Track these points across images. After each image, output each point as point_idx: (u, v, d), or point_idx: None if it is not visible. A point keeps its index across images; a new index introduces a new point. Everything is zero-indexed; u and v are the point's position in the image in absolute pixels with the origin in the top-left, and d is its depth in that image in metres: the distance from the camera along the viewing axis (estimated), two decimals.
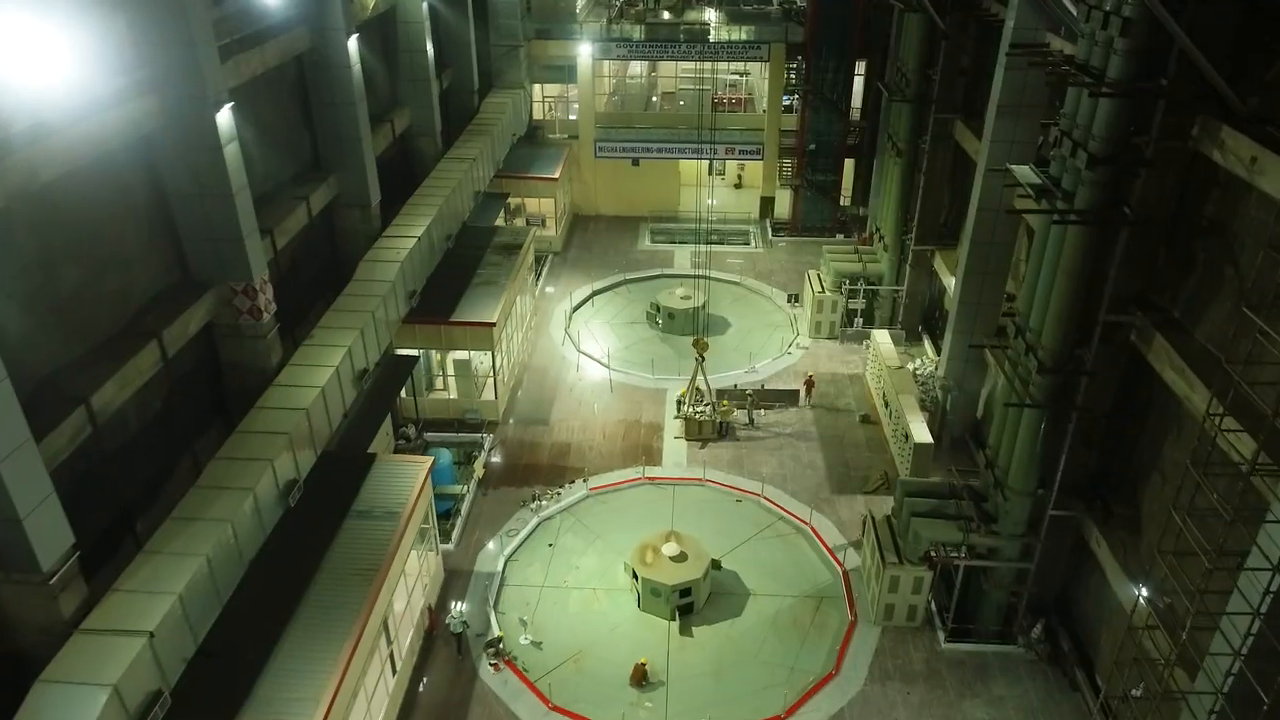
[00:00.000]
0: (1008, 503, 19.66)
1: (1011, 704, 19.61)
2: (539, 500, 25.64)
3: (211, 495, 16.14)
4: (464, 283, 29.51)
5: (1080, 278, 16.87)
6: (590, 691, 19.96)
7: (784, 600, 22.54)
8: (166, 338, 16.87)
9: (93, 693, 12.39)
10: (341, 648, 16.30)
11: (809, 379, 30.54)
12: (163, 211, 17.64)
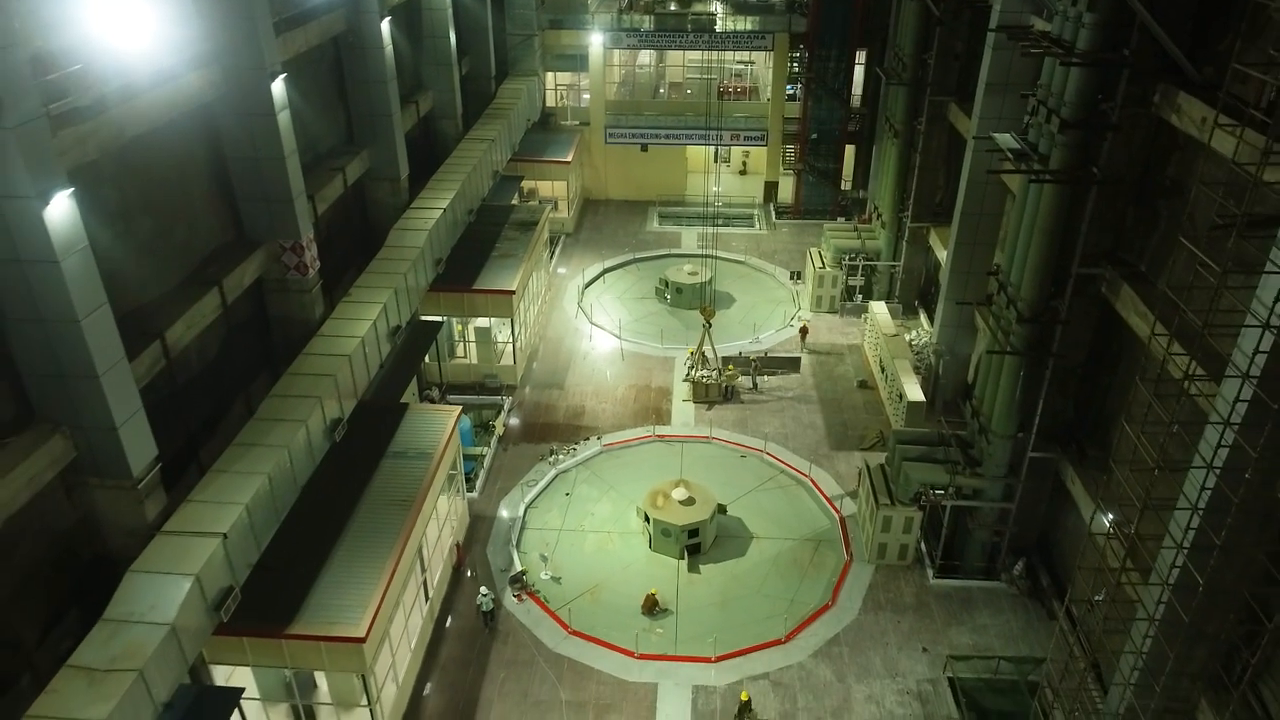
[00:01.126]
0: (991, 446, 21.39)
1: (993, 630, 21.33)
2: (556, 455, 27.40)
3: (268, 426, 17.91)
4: (484, 255, 31.28)
5: (1054, 234, 18.59)
6: (605, 619, 21.72)
7: (785, 543, 24.28)
8: (226, 285, 18.64)
9: (178, 581, 14.17)
10: (384, 565, 18.09)
11: (804, 326, 32.52)
12: (221, 174, 19.41)
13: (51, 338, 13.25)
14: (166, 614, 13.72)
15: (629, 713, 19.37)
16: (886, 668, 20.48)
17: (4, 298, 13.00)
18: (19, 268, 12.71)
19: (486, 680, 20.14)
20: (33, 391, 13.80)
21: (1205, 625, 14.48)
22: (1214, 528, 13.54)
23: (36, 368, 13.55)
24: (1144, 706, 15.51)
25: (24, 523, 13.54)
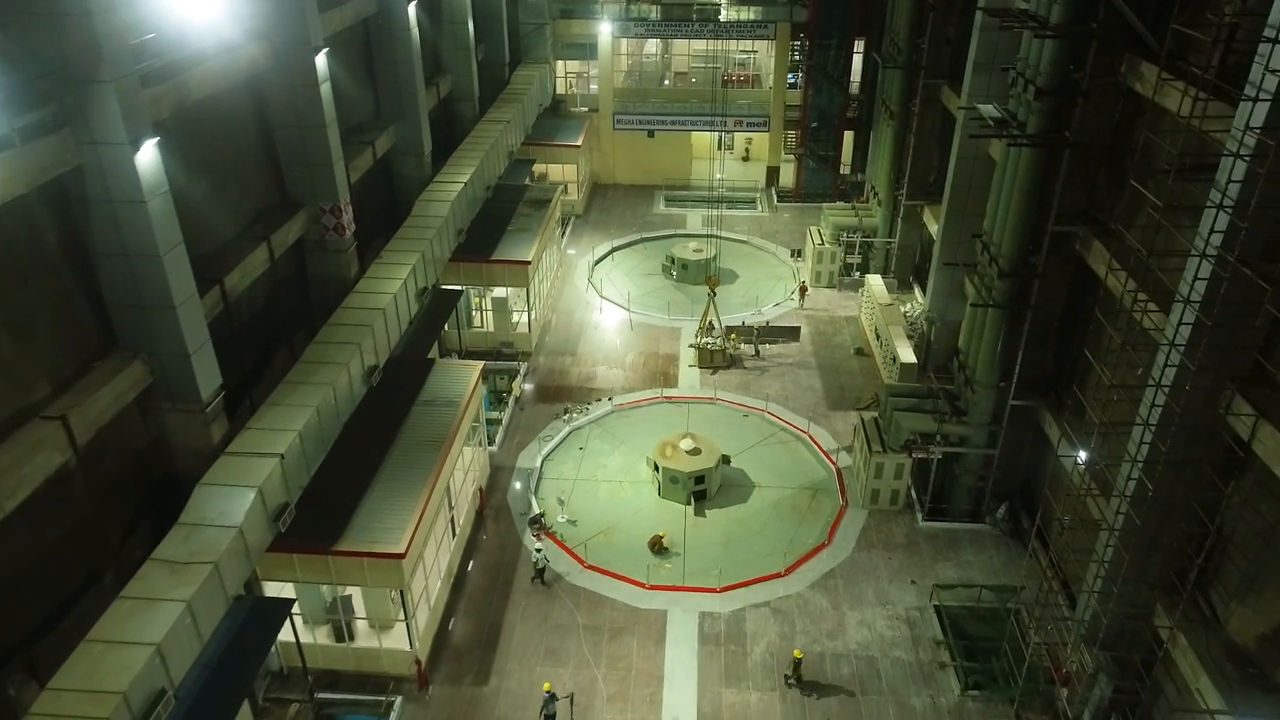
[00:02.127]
0: (975, 395, 23.12)
1: (977, 566, 23.06)
2: (570, 413, 29.15)
3: (314, 368, 19.66)
4: (500, 230, 33.03)
5: (1031, 194, 20.31)
6: (618, 556, 23.47)
7: (784, 491, 26.02)
8: (274, 241, 20.42)
9: (243, 492, 15.93)
10: (418, 495, 19.85)
11: (803, 285, 34.32)
12: (267, 140, 21.18)
13: (135, 271, 15.01)
14: (235, 519, 15.48)
15: (641, 634, 21.12)
16: (878, 597, 22.21)
17: (95, 235, 14.75)
18: (110, 207, 14.47)
19: (510, 607, 21.90)
20: (116, 321, 15.56)
21: (1158, 534, 16.21)
22: (1163, 442, 15.27)
23: (121, 299, 15.31)
24: (1106, 611, 17.25)
25: (108, 438, 15.29)
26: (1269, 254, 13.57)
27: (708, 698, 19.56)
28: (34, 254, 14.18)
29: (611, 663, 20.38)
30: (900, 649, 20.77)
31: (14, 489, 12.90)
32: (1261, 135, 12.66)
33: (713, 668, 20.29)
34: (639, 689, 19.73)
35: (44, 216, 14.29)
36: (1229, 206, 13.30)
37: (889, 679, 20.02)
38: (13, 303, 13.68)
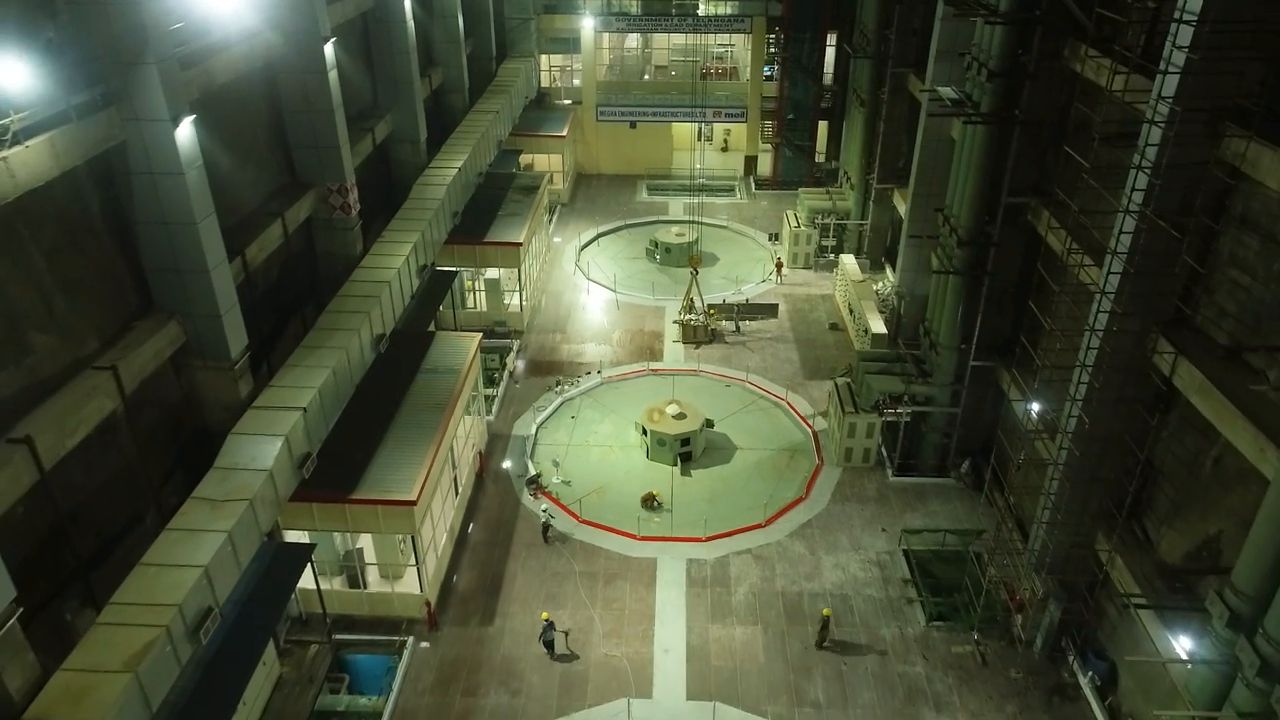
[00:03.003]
0: (939, 357, 25.00)
1: (943, 515, 24.94)
2: (561, 385, 30.81)
3: (328, 334, 21.20)
4: (492, 214, 34.61)
5: (986, 168, 22.18)
6: (611, 511, 25.15)
7: (764, 452, 27.80)
8: (287, 218, 21.92)
9: (271, 440, 17.49)
10: (426, 450, 21.43)
11: (779, 261, 36.14)
12: (278, 124, 22.67)
13: (173, 238, 16.52)
14: (265, 463, 17.04)
15: (633, 579, 22.82)
16: (851, 544, 24.04)
17: (136, 204, 16.24)
18: (151, 179, 15.97)
19: (510, 558, 23.54)
20: (154, 285, 17.06)
21: (1097, 467, 18.11)
22: (1098, 380, 17.15)
23: (159, 263, 16.81)
24: (1054, 540, 19.15)
25: (147, 392, 16.80)
26: (1185, 209, 15.45)
27: (696, 632, 21.30)
28: (82, 222, 15.65)
29: (606, 604, 22.08)
30: (872, 588, 22.60)
31: (74, 429, 14.41)
32: (1172, 104, 14.53)
33: (700, 607, 22.04)
34: (632, 626, 21.44)
35: (90, 187, 15.76)
36: (1147, 167, 15.17)
37: (861, 613, 21.84)
38: (65, 266, 15.15)
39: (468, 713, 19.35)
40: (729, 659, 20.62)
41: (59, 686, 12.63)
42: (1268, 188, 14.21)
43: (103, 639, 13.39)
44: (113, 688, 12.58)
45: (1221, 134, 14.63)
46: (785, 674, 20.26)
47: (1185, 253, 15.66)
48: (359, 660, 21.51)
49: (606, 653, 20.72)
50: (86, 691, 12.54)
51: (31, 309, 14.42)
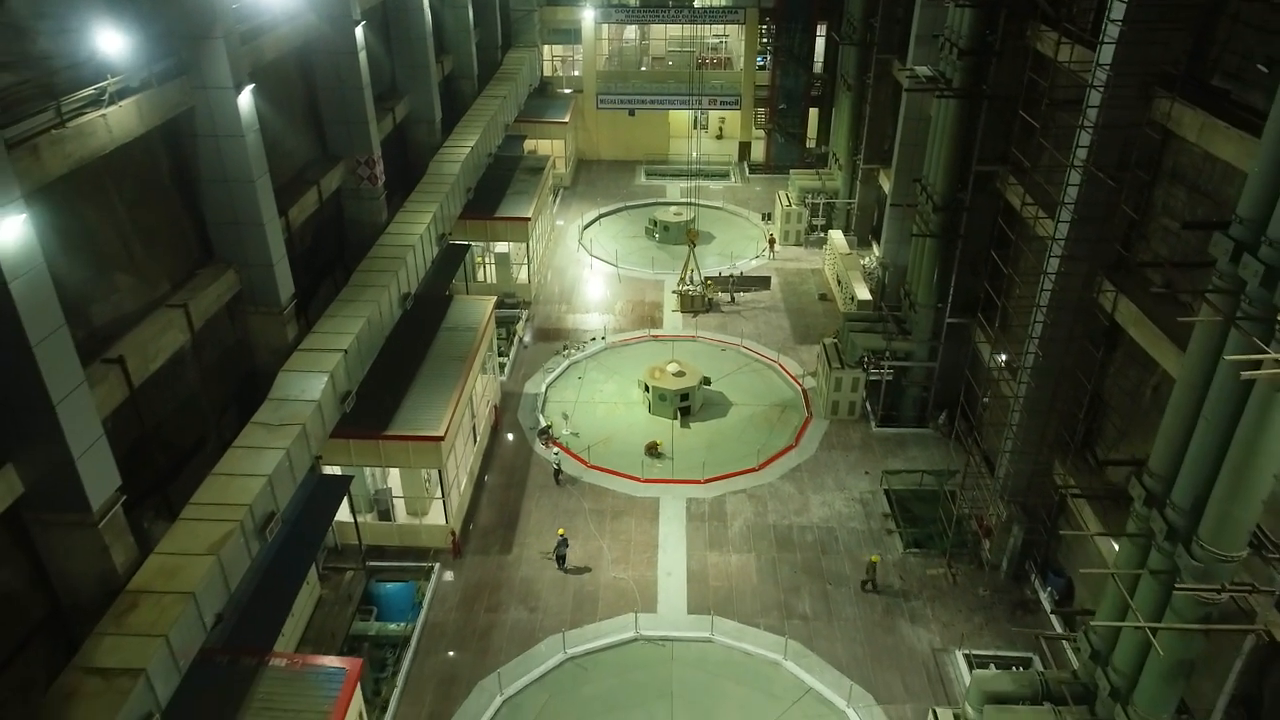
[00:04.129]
0: (918, 315, 27.24)
1: (921, 460, 27.16)
2: (568, 349, 32.99)
3: (360, 289, 23.29)
4: (501, 192, 36.75)
5: (958, 138, 24.41)
6: (617, 458, 27.35)
7: (758, 408, 30.02)
8: (321, 185, 24.04)
9: (318, 376, 19.61)
10: (450, 394, 23.61)
11: (771, 237, 38.30)
12: (312, 100, 24.77)
13: (232, 194, 18.63)
14: (313, 395, 19.17)
15: (638, 515, 25.02)
16: (837, 485, 26.27)
17: (201, 163, 18.35)
18: (215, 141, 18.09)
19: (525, 498, 25.72)
20: (214, 237, 19.17)
21: (1053, 399, 20.35)
22: (1053, 322, 19.39)
23: (219, 217, 18.91)
24: (1017, 469, 21.40)
25: (207, 333, 18.91)
26: (1122, 164, 17.68)
27: (695, 559, 23.51)
28: (154, 178, 17.77)
29: (614, 536, 24.27)
30: (855, 521, 24.84)
31: (154, 355, 16.54)
32: (1109, 70, 16.75)
33: (699, 537, 24.25)
34: (638, 554, 23.64)
35: (160, 149, 17.88)
36: (1089, 127, 17.39)
37: (845, 542, 24.08)
38: (141, 216, 17.25)
39: (491, 626, 21.53)
40: (725, 581, 22.83)
41: (154, 566, 14.77)
42: (1191, 144, 16.43)
43: (187, 530, 15.53)
44: (199, 567, 14.72)
45: (1151, 96, 16.86)
46: (776, 593, 22.48)
47: (1124, 203, 17.89)
48: (386, 592, 23.61)
49: (615, 576, 22.92)
50: (178, 569, 14.68)
51: (116, 252, 16.54)
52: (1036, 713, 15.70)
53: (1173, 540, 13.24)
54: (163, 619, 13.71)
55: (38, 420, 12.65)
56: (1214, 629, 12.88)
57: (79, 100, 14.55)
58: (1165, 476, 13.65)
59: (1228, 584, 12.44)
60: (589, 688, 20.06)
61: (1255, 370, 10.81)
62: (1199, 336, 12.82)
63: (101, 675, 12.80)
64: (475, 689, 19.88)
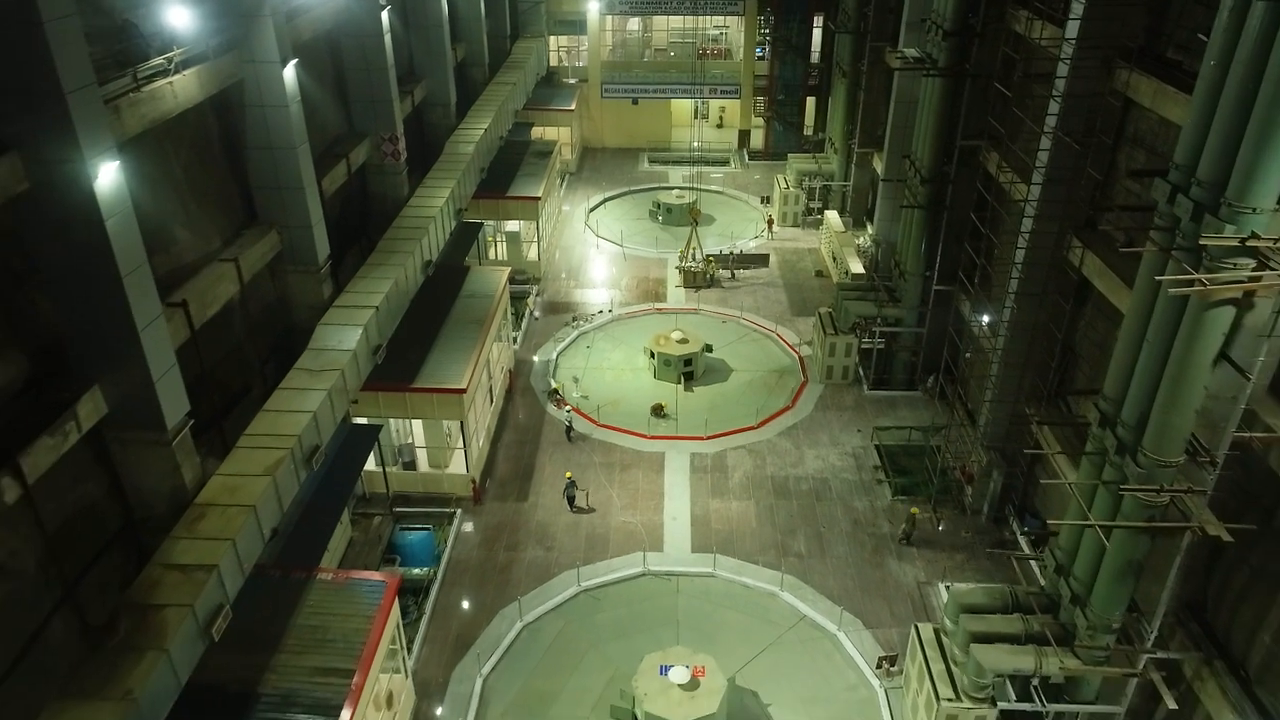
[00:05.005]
0: (906, 283, 29.01)
1: (910, 419, 28.94)
2: (577, 321, 34.75)
3: (387, 255, 25.07)
4: (512, 173, 38.50)
5: (943, 114, 26.16)
6: (625, 418, 29.13)
7: (757, 373, 31.80)
8: (350, 158, 25.80)
9: (353, 329, 21.37)
10: (470, 352, 25.37)
11: (770, 219, 40.04)
12: (340, 79, 26.52)
13: (276, 160, 20.38)
14: (349, 345, 20.93)
15: (645, 468, 26.80)
16: (831, 441, 28.04)
17: (248, 132, 20.10)
18: (261, 111, 19.84)
19: (539, 453, 27.49)
20: (258, 200, 20.92)
21: (1028, 351, 22.11)
22: (1027, 278, 21.15)
23: (263, 182, 20.66)
24: (996, 419, 23.16)
25: (251, 289, 20.63)
26: (1088, 130, 19.43)
27: (699, 505, 25.28)
28: (206, 144, 19.51)
29: (623, 485, 26.05)
30: (847, 473, 26.61)
31: (211, 303, 18.29)
32: (1075, 43, 18.50)
33: (702, 487, 26.03)
34: (645, 501, 25.42)
35: (211, 118, 19.63)
36: (1058, 96, 19.14)
37: (838, 491, 25.85)
38: (196, 178, 19.00)
39: (510, 563, 23.31)
40: (726, 524, 24.61)
41: (217, 484, 16.54)
42: (1148, 110, 18.19)
43: (244, 457, 17.29)
44: (258, 486, 16.48)
45: (1112, 68, 18.61)
46: (774, 535, 24.26)
47: (1090, 167, 19.63)
48: (409, 541, 25.33)
49: (624, 520, 24.70)
50: (239, 488, 16.44)
51: (175, 209, 18.28)
52: (1006, 620, 17.45)
53: (1122, 453, 15.00)
54: (229, 526, 15.48)
55: (124, 345, 14.39)
56: (1157, 526, 14.63)
57: (150, 69, 16.32)
58: (1116, 399, 15.42)
59: (1165, 485, 14.21)
60: (601, 615, 21.84)
61: (1185, 289, 12.59)
62: (1143, 271, 14.59)
63: (180, 570, 14.57)
64: (497, 616, 21.66)
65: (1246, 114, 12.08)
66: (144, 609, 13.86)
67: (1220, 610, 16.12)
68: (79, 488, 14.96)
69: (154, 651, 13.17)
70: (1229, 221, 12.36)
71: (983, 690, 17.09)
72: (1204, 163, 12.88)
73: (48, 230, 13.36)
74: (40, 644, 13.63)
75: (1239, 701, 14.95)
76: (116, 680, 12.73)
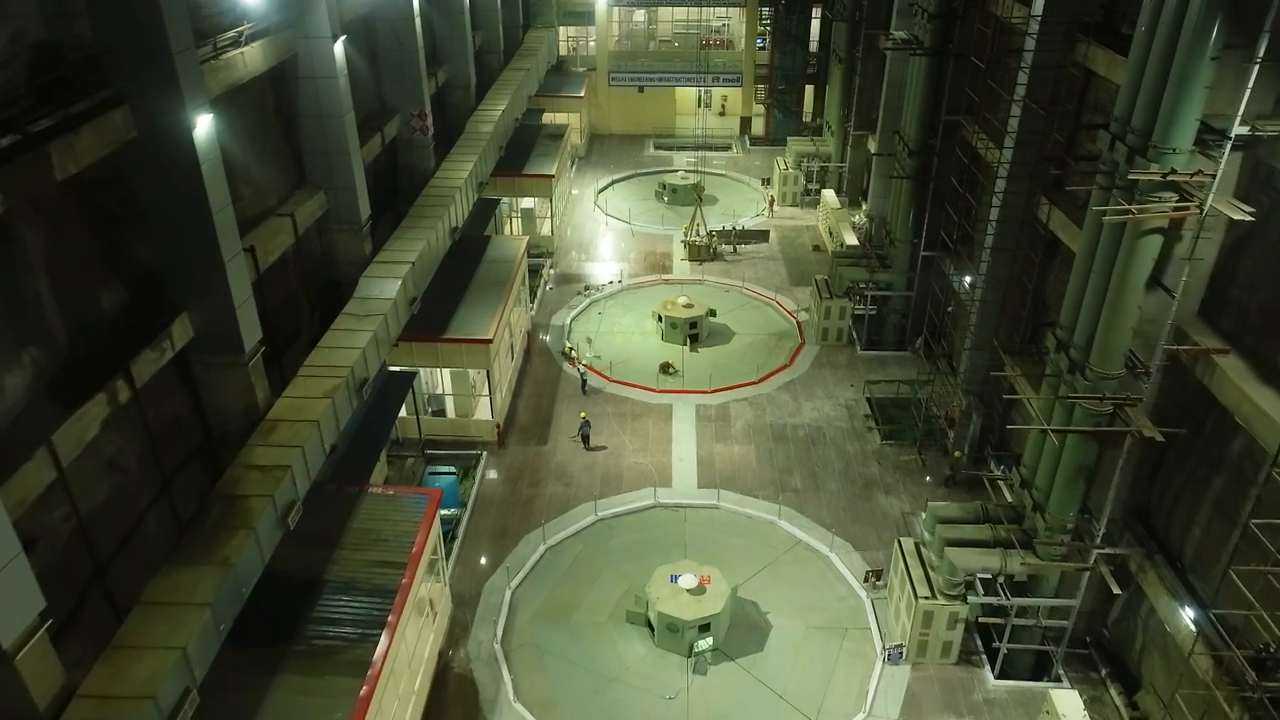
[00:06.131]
0: (895, 250, 31.32)
1: (899, 375, 31.24)
2: (589, 289, 37.07)
3: (418, 220, 27.34)
4: (527, 153, 40.81)
5: (928, 92, 28.47)
6: (635, 374, 31.45)
7: (757, 336, 34.13)
8: (384, 131, 28.12)
9: (393, 280, 23.67)
10: (495, 308, 27.69)
11: (770, 198, 42.29)
12: (374, 60, 28.83)
13: (325, 128, 22.68)
14: (390, 294, 23.24)
15: (654, 417, 29.14)
16: (825, 394, 30.37)
17: (301, 101, 22.40)
18: (313, 82, 22.14)
19: (556, 403, 29.84)
20: (307, 165, 23.23)
21: (1003, 302, 24.41)
22: (1001, 234, 23.44)
23: (313, 147, 22.95)
24: (974, 365, 25.46)
25: (303, 243, 22.97)
26: (1053, 99, 21.73)
27: (704, 448, 27.61)
28: (263, 112, 21.81)
29: (634, 432, 28.38)
30: (840, 421, 28.93)
31: (272, 250, 20.59)
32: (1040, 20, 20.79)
33: (706, 433, 28.35)
34: (655, 445, 27.76)
35: (268, 88, 21.94)
36: (1026, 68, 21.44)
37: (832, 437, 28.18)
38: (258, 142, 21.29)
39: (532, 497, 25.64)
40: (729, 464, 26.94)
41: (284, 405, 18.86)
42: (1104, 79, 20.47)
43: (305, 383, 19.62)
44: (319, 406, 18.79)
45: (1074, 41, 20.90)
46: (772, 474, 26.59)
47: (1055, 132, 21.93)
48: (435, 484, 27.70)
49: (635, 461, 27.03)
50: (303, 408, 18.76)
51: (239, 169, 20.55)
52: (977, 529, 19.76)
53: (1073, 371, 17.32)
54: (298, 436, 17.80)
55: (212, 275, 16.68)
56: (1102, 430, 16.93)
57: (226, 40, 18.65)
58: (1069, 326, 17.74)
59: (1108, 394, 16.52)
60: (616, 540, 24.18)
61: (1120, 218, 14.91)
62: (1091, 211, 16.89)
63: (260, 469, 16.90)
64: (522, 540, 24.01)
65: (1168, 72, 14.39)
66: (232, 499, 16.19)
67: (1160, 513, 18.45)
68: (169, 402, 17.29)
69: (244, 530, 15.49)
70: (1155, 161, 14.68)
71: (955, 589, 19.41)
72: (1136, 114, 15.20)
73: (153, 173, 15.65)
74: (140, 531, 15.98)
75: (1174, 587, 17.28)
76: (215, 550, 15.06)
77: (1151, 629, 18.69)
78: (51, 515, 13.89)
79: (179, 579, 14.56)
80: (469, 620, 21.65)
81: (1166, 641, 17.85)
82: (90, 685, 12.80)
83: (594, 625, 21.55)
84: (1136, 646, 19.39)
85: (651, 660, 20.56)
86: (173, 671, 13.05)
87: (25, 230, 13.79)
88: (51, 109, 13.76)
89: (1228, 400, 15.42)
